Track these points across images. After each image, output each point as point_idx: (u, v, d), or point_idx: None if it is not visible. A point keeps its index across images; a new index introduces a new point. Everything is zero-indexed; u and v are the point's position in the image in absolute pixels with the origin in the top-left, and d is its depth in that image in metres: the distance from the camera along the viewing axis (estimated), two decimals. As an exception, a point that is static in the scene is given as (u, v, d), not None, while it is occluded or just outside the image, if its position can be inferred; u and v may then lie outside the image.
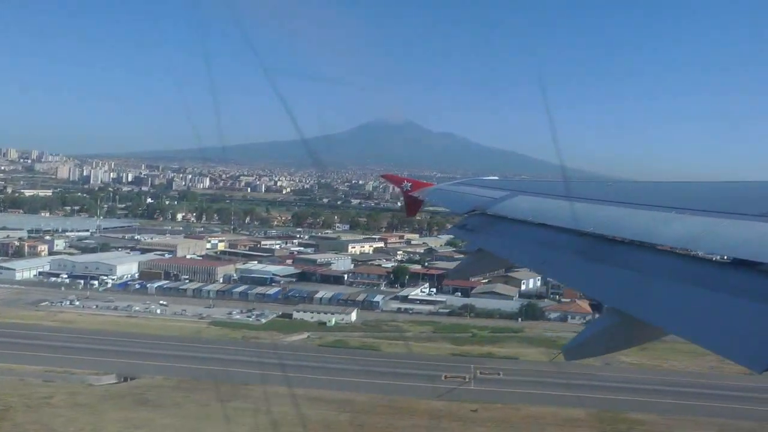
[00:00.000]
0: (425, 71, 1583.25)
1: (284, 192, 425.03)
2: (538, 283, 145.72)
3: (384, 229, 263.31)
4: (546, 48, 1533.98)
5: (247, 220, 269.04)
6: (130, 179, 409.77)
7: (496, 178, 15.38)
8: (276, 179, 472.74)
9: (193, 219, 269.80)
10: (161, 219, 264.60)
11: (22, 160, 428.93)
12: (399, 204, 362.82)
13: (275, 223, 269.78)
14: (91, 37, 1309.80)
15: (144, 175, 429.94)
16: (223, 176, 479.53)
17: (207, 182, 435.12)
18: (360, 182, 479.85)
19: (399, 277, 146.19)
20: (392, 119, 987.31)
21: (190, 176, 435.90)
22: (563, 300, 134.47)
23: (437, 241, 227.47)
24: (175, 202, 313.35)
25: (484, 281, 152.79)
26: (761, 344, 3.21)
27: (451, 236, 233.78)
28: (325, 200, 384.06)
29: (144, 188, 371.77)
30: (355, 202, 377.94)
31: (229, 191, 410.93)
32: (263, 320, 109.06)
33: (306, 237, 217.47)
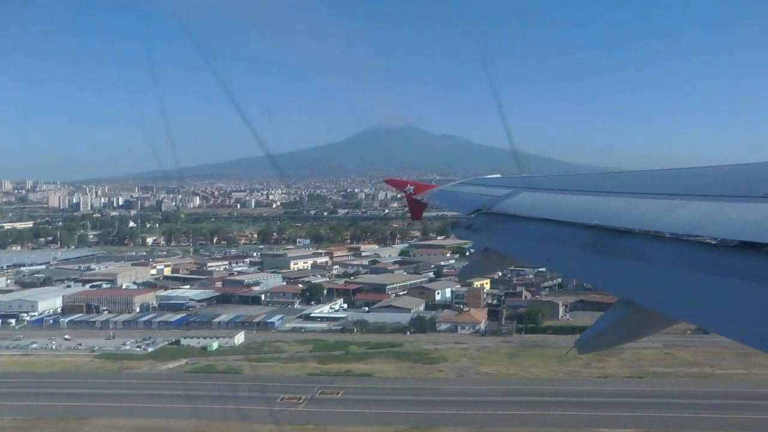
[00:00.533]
0: (425, 73, 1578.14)
1: (274, 206, 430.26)
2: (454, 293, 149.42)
3: (348, 240, 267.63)
4: (546, 48, 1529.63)
5: (215, 239, 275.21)
6: (120, 203, 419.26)
7: (499, 176, 15.47)
8: (269, 193, 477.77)
9: (162, 242, 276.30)
10: (131, 244, 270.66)
11: (16, 191, 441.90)
12: (386, 211, 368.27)
13: (242, 241, 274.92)
14: (85, 56, 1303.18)
15: (135, 198, 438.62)
16: (215, 193, 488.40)
17: (197, 201, 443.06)
18: (356, 190, 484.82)
19: (313, 294, 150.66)
20: (392, 123, 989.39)
21: (180, 196, 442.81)
22: (465, 309, 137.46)
23: (391, 251, 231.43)
24: (156, 225, 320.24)
25: (402, 293, 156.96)
26: None
27: (405, 246, 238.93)
28: (313, 212, 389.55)
29: (133, 212, 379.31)
30: (342, 212, 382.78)
31: (218, 208, 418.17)
32: (150, 349, 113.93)
33: (257, 255, 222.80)
